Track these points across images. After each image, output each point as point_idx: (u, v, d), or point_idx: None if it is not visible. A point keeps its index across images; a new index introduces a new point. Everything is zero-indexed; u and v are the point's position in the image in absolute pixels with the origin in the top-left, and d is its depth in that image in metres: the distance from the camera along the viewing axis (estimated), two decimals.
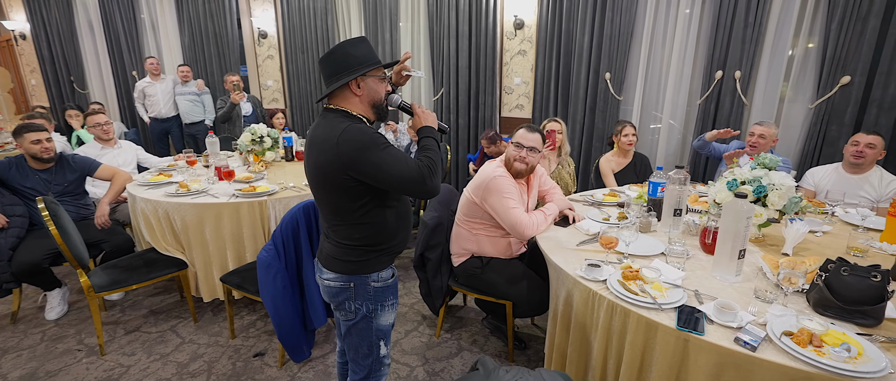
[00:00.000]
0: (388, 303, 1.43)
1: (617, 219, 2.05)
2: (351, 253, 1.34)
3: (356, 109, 1.32)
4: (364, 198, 1.28)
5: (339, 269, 1.36)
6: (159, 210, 2.44)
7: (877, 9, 2.78)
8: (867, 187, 2.40)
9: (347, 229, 1.33)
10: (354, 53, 1.28)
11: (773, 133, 2.69)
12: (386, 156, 1.20)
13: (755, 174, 1.77)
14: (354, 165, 1.20)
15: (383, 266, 1.39)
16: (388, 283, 1.42)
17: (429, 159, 1.28)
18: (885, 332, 1.17)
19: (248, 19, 5.57)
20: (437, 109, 4.74)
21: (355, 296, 1.38)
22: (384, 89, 1.35)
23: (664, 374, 1.23)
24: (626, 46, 3.69)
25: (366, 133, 1.22)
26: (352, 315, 1.40)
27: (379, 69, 1.32)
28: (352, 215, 1.30)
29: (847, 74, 2.95)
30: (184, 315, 2.63)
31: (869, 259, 1.64)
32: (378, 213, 1.32)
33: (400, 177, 1.21)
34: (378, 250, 1.36)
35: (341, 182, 1.24)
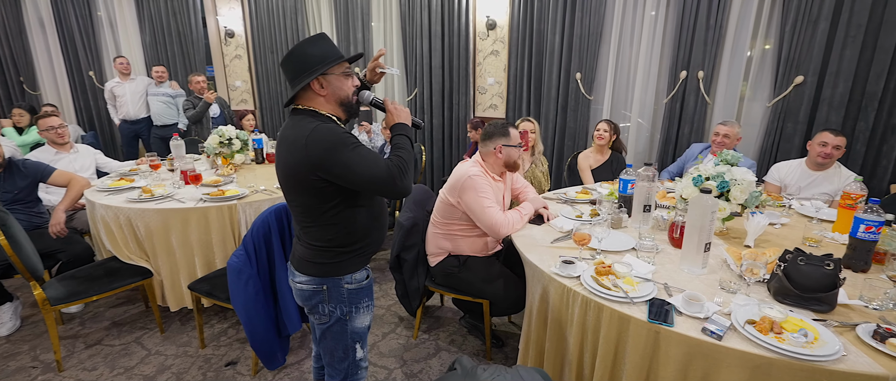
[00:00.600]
0: (363, 305, 1.41)
1: (589, 216, 2.10)
2: (323, 255, 1.32)
3: (324, 109, 1.30)
4: (335, 199, 1.26)
5: (312, 271, 1.34)
6: (121, 217, 2.33)
7: (826, 12, 2.95)
8: (826, 184, 2.53)
9: (319, 231, 1.31)
10: (313, 52, 1.25)
11: (736, 132, 2.83)
12: (355, 156, 1.19)
13: (719, 170, 1.85)
14: (323, 166, 1.19)
15: (357, 268, 1.37)
16: (362, 285, 1.40)
17: (400, 159, 1.25)
18: (838, 317, 1.23)
19: (213, 18, 5.40)
20: (411, 109, 4.72)
21: (329, 299, 1.36)
22: (351, 86, 1.32)
23: (637, 366, 1.26)
24: (596, 47, 3.77)
25: (334, 133, 1.20)
26: (326, 319, 1.39)
27: (340, 65, 1.28)
28: (322, 216, 1.28)
29: (800, 74, 3.11)
30: (149, 326, 2.52)
31: (823, 249, 1.74)
32: (349, 213, 1.30)
33: (369, 177, 1.19)
34: (351, 251, 1.34)
35: (311, 183, 1.23)
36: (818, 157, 2.48)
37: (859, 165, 3.06)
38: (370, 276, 1.45)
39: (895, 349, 1.05)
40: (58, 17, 5.56)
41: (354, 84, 1.33)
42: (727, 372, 1.12)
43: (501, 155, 2.01)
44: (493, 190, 1.99)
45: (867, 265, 1.53)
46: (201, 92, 4.41)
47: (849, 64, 2.95)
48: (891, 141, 2.97)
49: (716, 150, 2.87)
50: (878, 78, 2.90)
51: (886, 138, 2.99)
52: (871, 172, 3.08)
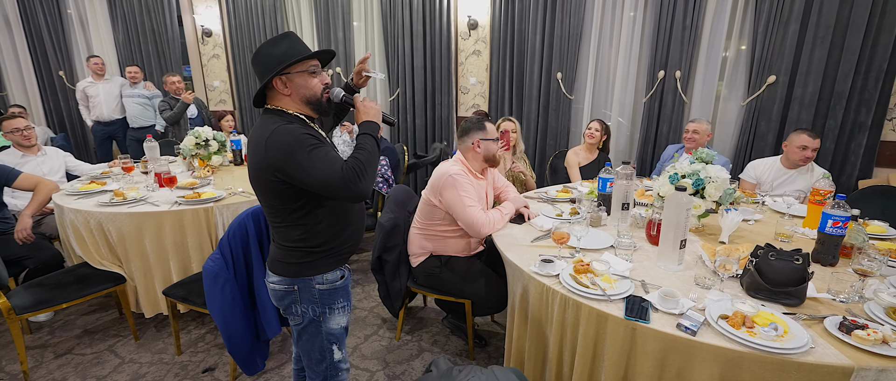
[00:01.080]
0: (337, 306, 1.40)
1: (569, 215, 2.11)
2: (292, 255, 1.32)
3: (291, 108, 1.29)
4: (300, 199, 1.25)
5: (282, 271, 1.33)
6: (91, 221, 2.26)
7: (796, 13, 3.04)
8: (800, 181, 2.61)
9: (287, 231, 1.30)
10: (274, 52, 1.24)
11: (705, 128, 2.91)
12: (310, 158, 1.16)
13: (694, 168, 1.88)
14: (281, 168, 1.18)
15: (328, 268, 1.36)
16: (335, 285, 1.38)
17: (356, 161, 1.21)
18: (807, 310, 1.27)
19: (189, 16, 5.28)
20: (393, 110, 4.70)
21: (300, 299, 1.35)
22: (317, 84, 1.29)
23: (615, 362, 1.27)
24: (576, 47, 3.81)
25: (293, 134, 1.18)
26: (299, 319, 1.38)
27: (304, 64, 1.26)
28: (290, 217, 1.28)
29: (773, 74, 3.20)
30: (123, 333, 2.44)
31: (794, 244, 1.79)
32: (317, 214, 1.29)
33: (322, 179, 1.16)
34: (321, 251, 1.32)
35: (273, 184, 1.23)
36: (800, 160, 2.55)
37: (829, 162, 3.16)
38: (346, 276, 1.43)
39: (860, 340, 1.09)
40: (25, 15, 5.36)
41: (323, 82, 1.31)
42: (701, 367, 1.14)
43: (480, 150, 2.02)
44: (474, 188, 1.99)
45: (835, 259, 1.58)
46: (178, 93, 4.30)
47: (818, 64, 3.04)
48: (858, 138, 3.08)
49: (688, 146, 2.95)
50: (845, 77, 3.00)
51: (854, 136, 3.10)
52: (841, 169, 3.19)
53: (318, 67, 1.31)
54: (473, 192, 1.97)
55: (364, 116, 1.34)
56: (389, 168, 3.13)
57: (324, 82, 1.31)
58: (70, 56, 5.51)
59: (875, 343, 1.07)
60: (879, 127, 3.04)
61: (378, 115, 1.36)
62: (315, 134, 1.25)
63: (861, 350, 1.07)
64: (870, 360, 1.04)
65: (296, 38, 1.29)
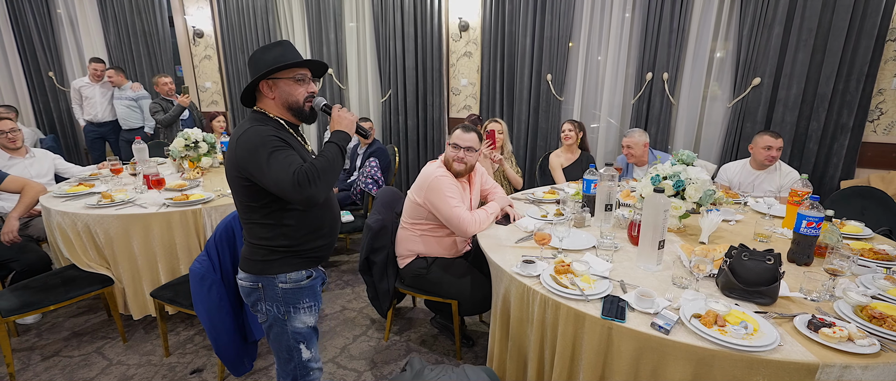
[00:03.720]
0: (303, 305, 1.41)
1: (555, 215, 2.14)
2: (257, 252, 1.35)
3: (273, 111, 1.34)
4: (264, 198, 1.29)
5: (249, 268, 1.37)
6: (79, 223, 2.26)
7: (780, 17, 3.09)
8: (769, 182, 2.66)
9: (255, 228, 1.34)
10: (265, 58, 1.30)
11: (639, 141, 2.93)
12: (270, 159, 1.20)
13: (675, 170, 1.92)
14: (244, 167, 1.23)
15: (293, 268, 1.37)
16: (300, 285, 1.39)
17: (311, 166, 1.22)
18: (778, 309, 1.30)
19: (181, 17, 5.26)
20: (384, 111, 4.72)
21: (265, 297, 1.38)
22: (301, 91, 1.34)
23: (592, 362, 1.30)
24: (566, 49, 3.85)
25: (260, 135, 1.23)
26: (264, 317, 1.41)
27: (292, 71, 1.31)
28: (256, 214, 1.32)
29: (758, 76, 3.25)
30: (111, 335, 2.44)
31: (773, 244, 1.82)
32: (282, 214, 1.32)
33: (275, 181, 1.19)
34: (285, 250, 1.35)
35: (240, 182, 1.28)
36: (765, 160, 2.61)
37: (812, 164, 3.22)
38: (314, 277, 1.43)
39: (827, 337, 1.12)
40: (13, 15, 5.32)
41: (308, 90, 1.35)
42: (674, 365, 1.17)
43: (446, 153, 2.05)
44: (458, 187, 2.01)
45: (810, 259, 1.61)
46: (170, 94, 4.29)
47: (801, 66, 3.09)
48: (840, 139, 3.13)
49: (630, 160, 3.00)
50: (827, 80, 3.05)
51: (836, 137, 3.15)
52: (823, 170, 3.24)
53: (307, 76, 1.35)
54: (458, 192, 2.00)
55: (336, 126, 1.37)
56: (379, 169, 3.15)
57: (309, 91, 1.36)
58: (60, 57, 5.48)
59: (841, 341, 1.11)
60: (861, 128, 3.10)
61: (351, 125, 1.38)
62: (286, 137, 1.28)
63: (827, 347, 1.11)
64: (834, 357, 1.08)
65: (289, 47, 1.34)
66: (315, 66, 1.39)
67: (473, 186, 2.19)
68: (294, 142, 1.33)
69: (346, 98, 4.95)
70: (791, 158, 3.24)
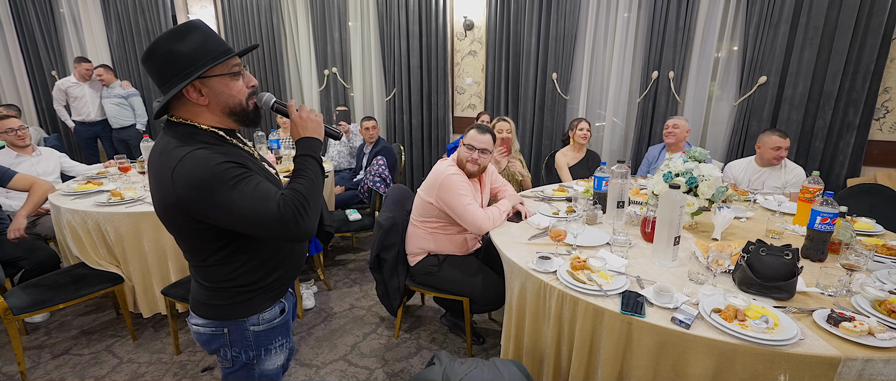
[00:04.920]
0: (274, 345, 1.20)
1: (565, 213, 2.14)
2: (219, 296, 1.09)
3: (206, 121, 1.02)
4: (223, 238, 1.03)
5: (209, 314, 1.12)
6: (89, 221, 2.25)
7: (786, 15, 3.09)
8: (774, 179, 2.67)
9: (210, 271, 1.08)
10: (182, 50, 0.95)
11: (684, 124, 3.00)
12: (235, 195, 0.92)
13: (687, 167, 1.92)
14: (195, 209, 0.94)
15: (265, 307, 1.15)
16: (273, 324, 1.18)
17: (295, 193, 0.96)
18: (796, 304, 1.31)
19: (184, 16, 5.26)
20: (389, 110, 4.72)
21: (231, 343, 1.14)
22: (241, 88, 1.03)
23: (611, 357, 1.30)
24: (571, 48, 3.85)
25: (208, 166, 0.92)
26: (230, 364, 1.17)
27: (224, 64, 0.99)
28: (213, 258, 1.06)
29: (764, 75, 3.25)
30: (121, 334, 2.44)
31: (785, 240, 1.83)
32: (245, 252, 1.07)
33: (254, 220, 0.93)
34: (253, 290, 1.11)
35: (188, 226, 1.00)
36: (773, 159, 2.62)
37: (818, 161, 3.23)
38: (286, 310, 1.23)
39: (847, 332, 1.12)
40: (16, 14, 5.31)
41: (249, 85, 1.05)
42: (695, 359, 1.18)
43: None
44: (470, 186, 2.02)
45: (824, 255, 1.62)
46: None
47: (808, 65, 3.10)
48: (846, 138, 3.14)
49: (668, 141, 3.01)
50: (834, 78, 3.06)
51: (842, 135, 3.16)
52: (830, 168, 3.25)
53: (240, 67, 1.04)
54: (469, 190, 2.00)
55: (302, 132, 1.07)
56: (386, 168, 3.15)
57: (249, 85, 1.05)
58: (63, 55, 5.47)
59: (861, 335, 1.11)
60: (867, 127, 3.11)
61: (319, 129, 1.10)
62: (237, 157, 0.98)
63: (848, 341, 1.11)
64: (856, 351, 1.08)
65: (207, 30, 0.99)
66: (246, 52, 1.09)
67: (484, 185, 2.20)
68: (245, 157, 1.04)
69: (350, 97, 4.96)
70: (797, 157, 3.25)
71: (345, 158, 4.01)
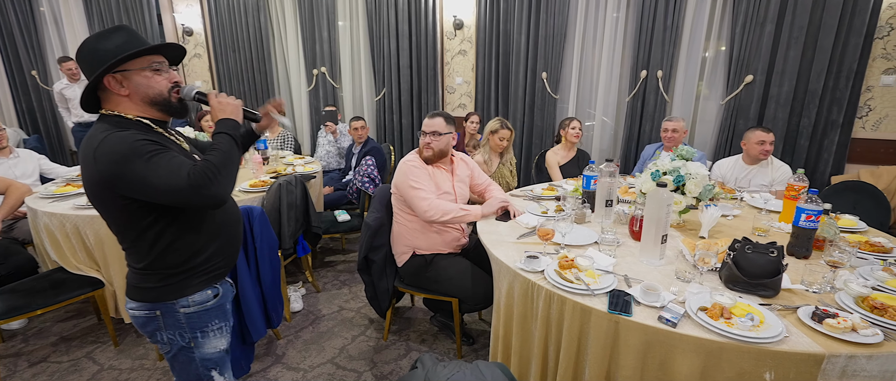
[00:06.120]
0: (212, 328, 1.25)
1: (554, 212, 2.14)
2: (149, 278, 1.16)
3: (131, 111, 1.12)
4: (150, 216, 1.10)
5: (140, 297, 1.18)
6: (67, 225, 2.20)
7: (771, 14, 3.13)
8: (761, 176, 2.69)
9: (139, 252, 1.14)
10: (104, 47, 1.07)
11: (683, 126, 2.99)
12: (152, 166, 1.01)
13: (675, 165, 1.92)
14: (117, 182, 1.03)
15: (195, 289, 1.20)
16: (206, 307, 1.23)
17: (207, 163, 1.05)
18: (781, 301, 1.31)
19: (169, 15, 5.18)
20: (379, 110, 4.69)
21: (165, 326, 1.19)
22: (162, 82, 1.14)
23: (598, 356, 1.29)
24: (560, 47, 3.86)
25: (126, 142, 1.02)
26: (167, 348, 1.23)
27: (144, 59, 1.11)
28: (142, 237, 1.12)
29: (750, 73, 3.29)
30: (102, 340, 2.38)
31: (771, 238, 1.84)
32: (176, 230, 1.14)
33: (168, 188, 1.01)
34: (183, 271, 1.17)
35: (114, 203, 1.07)
36: (759, 154, 2.63)
37: (803, 159, 3.27)
38: (222, 294, 1.27)
39: (831, 328, 1.13)
40: None
41: (171, 80, 1.16)
42: (682, 358, 1.17)
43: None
44: (429, 175, 2.04)
45: (808, 252, 1.63)
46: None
47: (793, 64, 3.14)
48: (831, 135, 3.18)
49: (667, 145, 3.01)
50: (818, 77, 3.10)
51: (827, 133, 3.21)
52: (814, 166, 3.29)
53: (164, 64, 1.16)
54: (424, 177, 2.01)
55: (220, 114, 1.18)
56: (375, 168, 3.12)
57: (172, 80, 1.17)
58: (43, 55, 5.35)
59: (845, 331, 1.11)
60: (850, 125, 3.15)
61: (236, 111, 1.20)
62: (156, 139, 1.08)
63: (832, 338, 1.11)
64: (840, 347, 1.08)
65: (132, 32, 1.12)
66: (170, 52, 1.18)
67: (456, 175, 2.17)
68: (169, 142, 1.15)
69: (339, 97, 4.92)
70: (783, 154, 3.28)
71: (333, 158, 3.98)
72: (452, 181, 2.15)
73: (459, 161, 2.23)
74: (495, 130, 2.93)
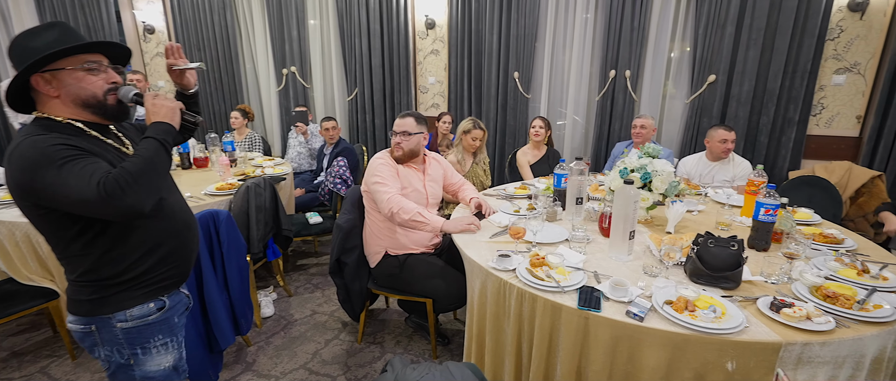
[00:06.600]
0: (154, 344, 1.16)
1: (527, 210, 2.15)
2: (83, 290, 1.08)
3: (62, 113, 1.05)
4: (74, 226, 1.01)
5: (76, 310, 1.10)
6: (17, 233, 2.07)
7: (732, 17, 3.25)
8: (723, 172, 2.79)
9: (72, 262, 1.07)
10: (34, 45, 1.00)
11: (651, 123, 3.07)
12: (61, 174, 0.92)
13: (642, 163, 1.97)
14: (31, 191, 0.95)
15: (134, 302, 1.11)
16: (147, 321, 1.13)
17: (122, 170, 0.95)
18: (742, 292, 1.36)
19: (129, 12, 4.96)
20: (351, 110, 4.63)
21: (101, 341, 1.12)
22: (97, 82, 1.06)
23: (570, 352, 1.31)
24: (532, 47, 3.90)
25: (38, 147, 0.94)
26: (105, 364, 1.16)
27: (78, 58, 1.03)
28: (71, 247, 1.04)
29: (713, 73, 3.41)
30: (58, 353, 2.25)
31: (733, 231, 1.91)
32: (108, 241, 1.05)
33: (77, 198, 0.92)
34: (119, 284, 1.09)
35: (33, 211, 1.00)
36: (721, 152, 2.74)
37: (763, 155, 3.41)
38: (168, 307, 1.18)
39: (788, 317, 1.17)
40: None
41: (108, 80, 1.08)
42: (649, 351, 1.19)
43: None
44: (395, 172, 2.04)
45: (767, 245, 1.70)
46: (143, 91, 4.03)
47: (752, 64, 3.27)
48: (788, 133, 3.33)
49: (636, 141, 3.09)
50: (776, 76, 3.24)
51: (784, 130, 3.35)
52: (773, 162, 3.44)
53: (100, 64, 1.07)
54: (389, 173, 2.01)
55: (153, 117, 1.08)
56: (348, 168, 3.08)
57: (109, 81, 1.08)
58: None
59: (800, 320, 1.16)
60: (805, 122, 3.31)
61: (171, 114, 1.09)
62: (80, 143, 0.99)
63: (788, 327, 1.16)
64: (795, 335, 1.13)
65: (66, 29, 1.04)
66: (112, 51, 1.10)
67: (428, 175, 2.17)
68: (99, 147, 1.06)
69: (310, 97, 4.82)
70: (744, 151, 3.42)
71: (305, 159, 3.90)
72: (424, 181, 2.14)
73: (432, 161, 2.22)
74: (468, 130, 2.93)
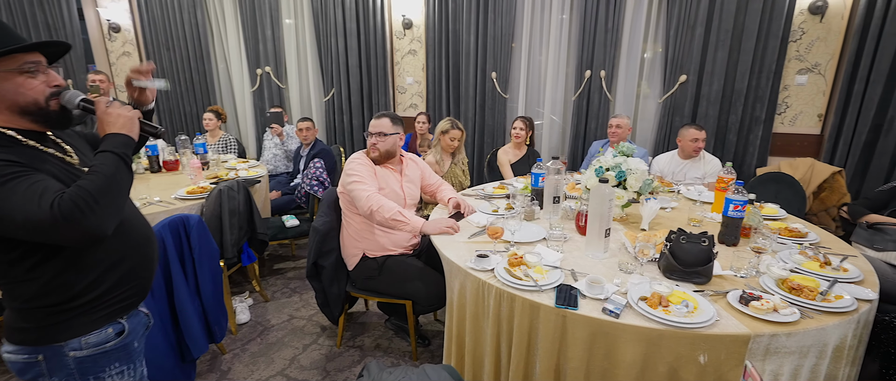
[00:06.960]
0: (109, 373, 1.05)
1: (505, 210, 2.16)
2: (30, 318, 0.97)
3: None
4: (15, 250, 0.91)
5: (20, 340, 0.98)
6: None
7: (701, 18, 3.34)
8: (695, 170, 2.88)
9: (14, 289, 0.96)
10: None
11: (627, 123, 3.13)
12: (4, 194, 0.83)
13: (616, 161, 2.00)
14: None
15: (90, 327, 1.01)
16: (105, 348, 1.03)
17: (79, 189, 0.86)
18: (713, 286, 1.39)
19: (92, 9, 4.76)
20: (328, 111, 4.56)
21: (49, 372, 0.99)
22: (37, 86, 0.95)
23: (548, 350, 1.32)
24: (509, 48, 3.92)
25: None
26: None
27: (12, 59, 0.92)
28: (14, 271, 0.94)
29: (684, 73, 3.50)
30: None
31: (704, 227, 1.96)
32: (57, 265, 0.95)
33: (25, 222, 0.82)
34: (72, 309, 0.98)
35: None
36: (693, 151, 2.82)
37: (732, 153, 3.52)
38: (128, 331, 1.08)
39: (756, 310, 1.21)
40: None
41: (52, 84, 0.97)
42: (625, 347, 1.21)
43: None
44: (372, 172, 2.03)
45: (737, 240, 1.75)
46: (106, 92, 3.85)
47: (721, 64, 3.37)
48: (755, 131, 3.45)
49: (612, 140, 3.15)
50: (743, 77, 3.35)
51: (752, 128, 3.47)
52: (742, 159, 3.56)
53: (40, 65, 0.96)
54: (365, 172, 2.00)
55: (108, 128, 0.97)
56: (324, 170, 3.03)
57: (52, 84, 0.97)
58: None
59: (768, 312, 1.20)
60: (771, 121, 3.44)
61: (129, 125, 0.99)
62: (19, 157, 0.89)
63: (757, 319, 1.20)
64: (763, 327, 1.17)
65: (3, 28, 0.94)
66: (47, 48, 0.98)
67: (405, 175, 2.16)
68: (38, 159, 0.95)
69: (286, 98, 4.73)
70: (714, 149, 3.52)
71: (281, 161, 3.82)
72: (401, 182, 2.12)
73: (409, 161, 2.21)
74: (446, 130, 2.92)
